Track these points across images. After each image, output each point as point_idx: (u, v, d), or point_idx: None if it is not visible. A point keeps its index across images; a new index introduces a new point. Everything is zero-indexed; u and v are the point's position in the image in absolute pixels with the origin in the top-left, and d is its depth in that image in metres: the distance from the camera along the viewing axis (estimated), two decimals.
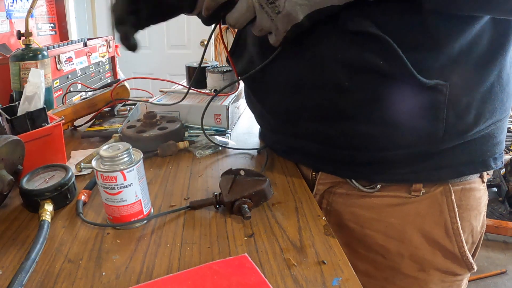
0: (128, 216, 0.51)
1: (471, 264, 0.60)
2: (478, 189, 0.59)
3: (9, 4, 1.70)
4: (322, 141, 0.59)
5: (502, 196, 2.13)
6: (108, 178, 0.49)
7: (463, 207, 0.58)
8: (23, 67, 0.97)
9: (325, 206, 0.66)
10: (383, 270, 0.62)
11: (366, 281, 0.63)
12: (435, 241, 0.58)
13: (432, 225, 0.58)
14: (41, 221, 0.51)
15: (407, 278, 0.61)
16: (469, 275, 0.64)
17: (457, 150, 0.53)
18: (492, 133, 0.55)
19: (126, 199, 0.50)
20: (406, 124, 0.51)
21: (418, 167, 0.55)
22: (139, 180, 0.51)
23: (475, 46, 0.48)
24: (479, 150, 0.55)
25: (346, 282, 0.41)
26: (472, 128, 0.52)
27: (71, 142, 0.86)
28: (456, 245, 0.58)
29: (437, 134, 0.51)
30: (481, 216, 0.61)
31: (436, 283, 0.61)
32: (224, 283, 0.40)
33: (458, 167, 0.55)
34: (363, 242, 0.62)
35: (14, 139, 0.57)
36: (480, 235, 0.62)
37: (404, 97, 0.49)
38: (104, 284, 0.41)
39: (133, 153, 0.52)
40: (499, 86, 0.52)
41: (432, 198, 0.57)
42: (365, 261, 0.63)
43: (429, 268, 0.60)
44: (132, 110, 0.99)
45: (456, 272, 0.61)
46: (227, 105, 0.85)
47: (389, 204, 0.59)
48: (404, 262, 0.60)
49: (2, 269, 0.44)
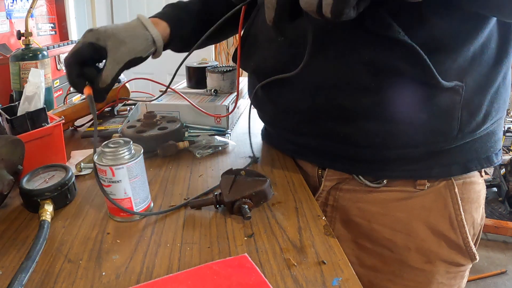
0: (117, 210, 0.53)
1: (474, 255, 0.62)
2: (478, 183, 0.61)
3: (9, 4, 1.70)
4: (338, 139, 0.59)
5: (502, 196, 2.13)
6: (100, 170, 0.52)
7: (464, 200, 0.60)
8: (23, 67, 0.97)
9: (331, 202, 0.67)
10: (390, 264, 0.64)
11: (374, 276, 0.65)
12: (440, 233, 0.60)
13: (437, 217, 0.60)
14: (41, 221, 0.51)
15: (414, 271, 0.63)
16: (471, 266, 0.66)
17: (466, 147, 0.56)
18: (494, 130, 0.59)
19: (115, 194, 0.52)
20: (425, 123, 0.53)
21: (430, 164, 0.57)
22: (130, 179, 0.52)
23: (486, 49, 0.51)
24: (484, 147, 0.58)
25: (346, 282, 0.41)
26: (481, 126, 0.55)
27: (71, 142, 0.86)
28: (460, 236, 0.60)
29: (452, 132, 0.53)
30: (480, 208, 0.63)
31: (442, 274, 0.63)
32: (224, 283, 0.40)
33: (466, 163, 0.58)
34: (370, 237, 0.64)
35: (14, 139, 0.57)
36: (480, 227, 0.64)
37: (424, 98, 0.51)
38: (104, 284, 0.41)
39: (127, 152, 0.52)
40: (504, 86, 0.55)
41: (436, 192, 0.59)
42: (372, 255, 0.65)
43: (435, 260, 0.62)
44: (132, 110, 0.99)
45: (460, 263, 0.63)
46: (227, 105, 0.85)
47: (395, 198, 0.60)
48: (411, 255, 0.62)
49: (2, 269, 0.44)
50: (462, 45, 0.49)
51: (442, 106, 0.52)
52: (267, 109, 0.71)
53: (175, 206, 0.57)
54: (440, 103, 0.51)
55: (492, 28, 0.51)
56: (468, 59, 0.50)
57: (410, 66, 0.49)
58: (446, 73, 0.49)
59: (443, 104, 0.51)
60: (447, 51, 0.49)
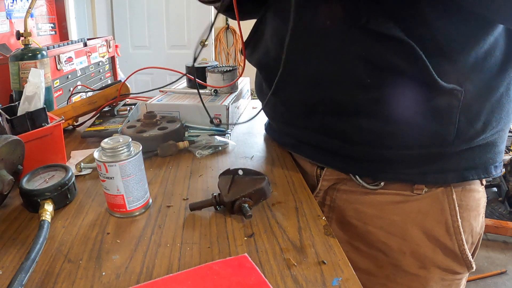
0: (111, 205, 0.55)
1: (470, 263, 0.61)
2: (478, 191, 0.60)
3: (9, 4, 1.70)
4: (334, 135, 0.59)
5: (502, 196, 2.13)
6: (98, 165, 0.53)
7: (463, 207, 0.59)
8: (23, 67, 0.97)
9: (328, 202, 0.67)
10: (384, 267, 0.63)
11: (367, 279, 0.64)
12: (435, 238, 0.59)
13: (433, 223, 0.59)
14: (41, 221, 0.51)
15: (408, 276, 0.62)
16: (468, 275, 0.64)
17: (463, 155, 0.56)
18: (495, 141, 0.57)
19: (109, 189, 0.54)
20: (421, 124, 0.52)
21: (425, 169, 0.57)
22: (123, 177, 0.53)
23: (489, 57, 0.50)
24: (483, 157, 0.57)
25: (346, 282, 0.41)
26: (479, 135, 0.54)
27: (71, 142, 0.86)
28: (456, 243, 0.59)
29: (448, 137, 0.53)
30: (480, 217, 0.62)
31: (436, 281, 0.62)
32: (224, 283, 0.40)
33: (462, 171, 0.57)
34: (365, 239, 0.63)
35: (14, 139, 0.57)
36: (479, 236, 0.63)
37: (421, 98, 0.51)
38: (104, 284, 0.41)
39: (122, 151, 0.53)
40: (507, 97, 0.54)
41: (434, 197, 0.58)
42: (366, 258, 0.64)
43: (429, 266, 0.61)
44: (132, 110, 0.99)
45: (455, 271, 0.62)
46: (227, 105, 0.85)
47: (391, 201, 0.60)
48: (405, 259, 0.61)
49: (2, 269, 0.44)
50: (462, 50, 0.49)
51: (439, 109, 0.51)
52: (269, 102, 0.71)
53: (173, 206, 0.57)
54: (437, 105, 0.51)
55: (498, 36, 0.50)
56: (469, 64, 0.50)
57: (407, 64, 0.49)
58: (444, 75, 0.49)
59: (440, 106, 0.51)
60: (445, 53, 0.49)
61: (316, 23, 0.54)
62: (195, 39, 2.98)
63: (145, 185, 0.56)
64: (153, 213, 0.55)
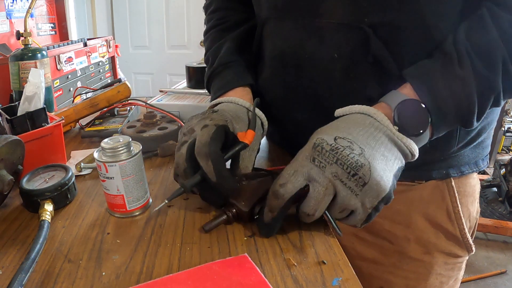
0: (111, 205, 0.55)
1: (470, 246, 0.64)
2: (473, 177, 0.65)
3: (9, 4, 1.70)
4: None
5: (502, 196, 2.12)
6: (98, 165, 0.53)
7: (461, 194, 0.62)
8: (23, 66, 0.97)
9: None
10: (390, 255, 0.65)
11: (374, 268, 0.66)
12: (438, 224, 0.62)
13: (436, 209, 0.62)
14: (41, 221, 0.51)
15: (413, 262, 0.64)
16: (467, 257, 0.68)
17: (462, 155, 0.61)
18: (484, 139, 0.63)
19: (109, 189, 0.54)
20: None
21: (428, 168, 0.60)
22: (123, 177, 0.52)
23: None
24: (475, 153, 0.62)
25: (346, 282, 0.41)
26: (475, 139, 0.60)
27: (71, 142, 0.86)
28: (457, 227, 0.62)
29: (450, 149, 0.58)
30: (476, 202, 0.66)
31: (440, 265, 0.64)
32: (224, 283, 0.40)
33: (460, 167, 0.61)
34: (371, 229, 0.65)
35: (14, 139, 0.57)
36: (476, 220, 0.67)
37: None
38: (104, 284, 0.41)
39: (122, 151, 0.52)
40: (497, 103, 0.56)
41: (434, 185, 0.61)
42: (372, 248, 0.66)
43: (433, 251, 0.63)
44: (132, 110, 0.99)
45: (457, 254, 0.65)
46: None
47: (395, 191, 0.60)
48: (410, 246, 0.63)
49: (2, 269, 0.44)
50: None
51: None
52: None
53: (173, 206, 0.57)
54: None
55: None
56: None
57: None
58: None
59: None
60: None
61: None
62: (195, 39, 2.98)
63: (145, 185, 0.56)
64: (153, 213, 0.55)
